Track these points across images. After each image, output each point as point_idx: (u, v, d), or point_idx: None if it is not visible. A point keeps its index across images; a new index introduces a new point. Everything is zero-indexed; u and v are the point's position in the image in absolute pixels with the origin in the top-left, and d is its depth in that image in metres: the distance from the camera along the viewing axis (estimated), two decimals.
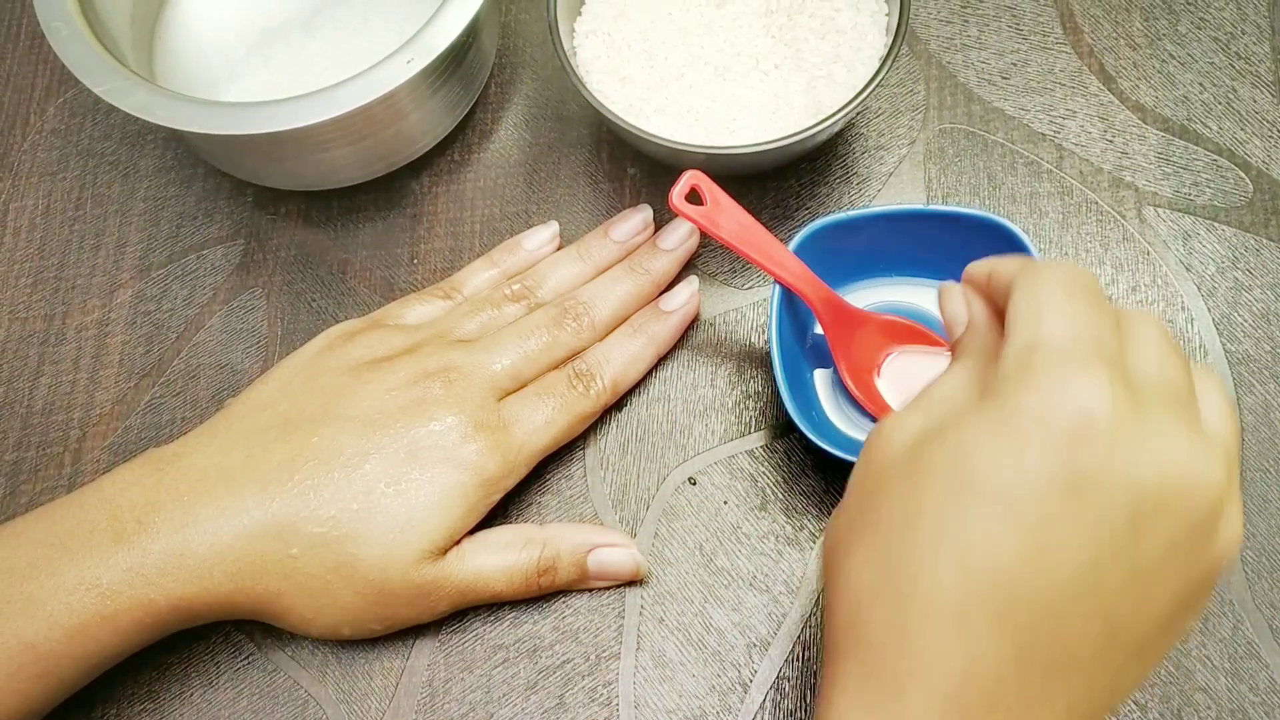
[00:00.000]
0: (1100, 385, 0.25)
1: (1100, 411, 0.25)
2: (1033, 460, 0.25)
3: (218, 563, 0.36)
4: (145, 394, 0.45)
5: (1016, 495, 0.25)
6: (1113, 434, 0.25)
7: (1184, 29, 0.49)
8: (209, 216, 0.48)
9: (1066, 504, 0.25)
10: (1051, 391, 0.26)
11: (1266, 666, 0.38)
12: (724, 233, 0.39)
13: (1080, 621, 0.26)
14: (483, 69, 0.48)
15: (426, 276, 0.46)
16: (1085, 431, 0.25)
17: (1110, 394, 0.25)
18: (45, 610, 0.35)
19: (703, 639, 0.40)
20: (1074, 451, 0.25)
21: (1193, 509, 0.26)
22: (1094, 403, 0.25)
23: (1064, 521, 0.25)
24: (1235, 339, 0.43)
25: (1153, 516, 0.26)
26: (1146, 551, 0.26)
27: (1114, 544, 0.25)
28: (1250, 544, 0.40)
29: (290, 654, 0.40)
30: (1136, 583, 0.26)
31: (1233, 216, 0.45)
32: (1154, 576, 0.26)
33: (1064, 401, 0.25)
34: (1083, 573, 0.25)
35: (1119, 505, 0.25)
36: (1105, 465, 0.25)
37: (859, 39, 0.43)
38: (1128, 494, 0.25)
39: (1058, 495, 0.25)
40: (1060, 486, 0.25)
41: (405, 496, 0.37)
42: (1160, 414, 0.26)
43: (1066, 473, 0.25)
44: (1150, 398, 0.26)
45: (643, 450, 0.43)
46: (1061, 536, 0.25)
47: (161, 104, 0.40)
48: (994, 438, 0.26)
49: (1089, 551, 0.25)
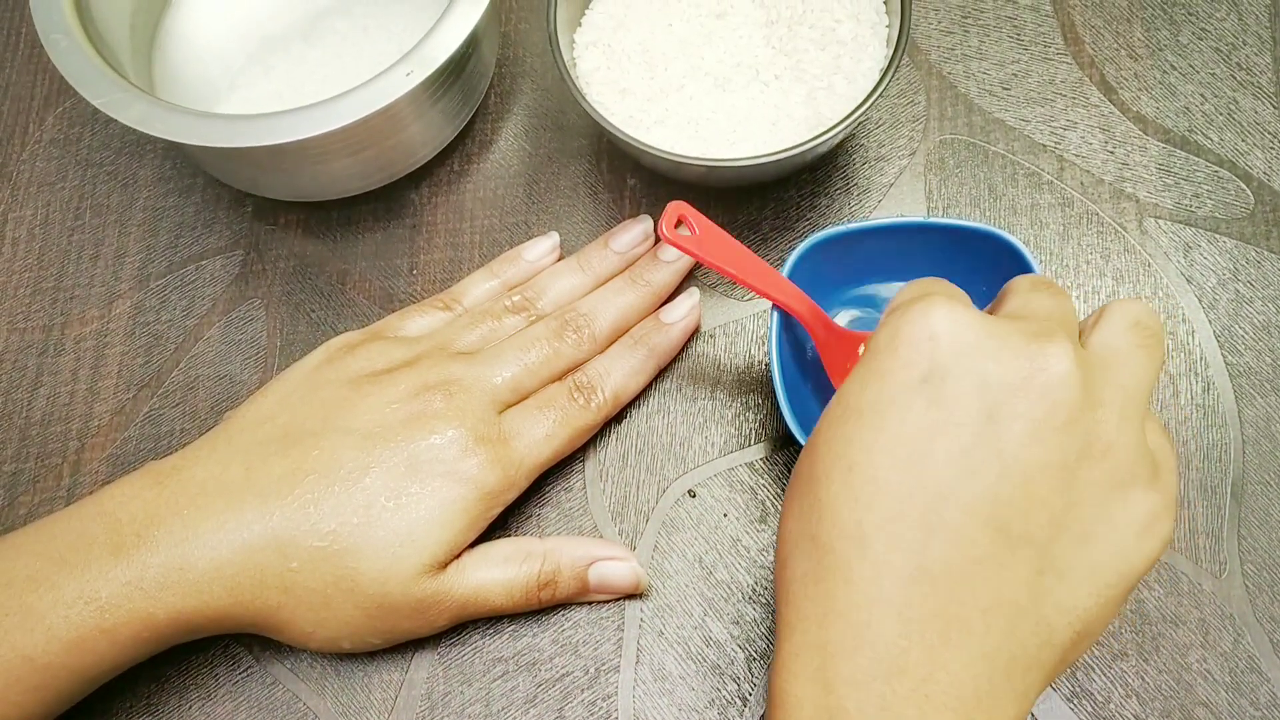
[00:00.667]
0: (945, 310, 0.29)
1: (944, 327, 0.28)
2: (889, 374, 0.29)
3: (217, 576, 0.36)
4: (144, 405, 0.45)
5: (883, 404, 0.28)
6: (958, 342, 0.28)
7: (1185, 40, 0.49)
8: (208, 227, 0.48)
9: (925, 401, 0.28)
10: (902, 322, 0.29)
11: (1268, 681, 0.38)
12: (715, 259, 0.39)
13: (966, 519, 0.27)
14: (483, 79, 0.48)
15: (426, 287, 0.46)
16: (933, 344, 0.28)
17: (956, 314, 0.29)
18: (44, 623, 0.35)
19: (702, 652, 0.40)
20: (923, 359, 0.28)
21: (1042, 387, 0.28)
22: (939, 322, 0.28)
23: (924, 416, 0.28)
24: (1236, 351, 0.43)
25: (1005, 398, 0.28)
26: (1010, 436, 0.27)
27: (975, 430, 0.27)
28: (1251, 558, 0.40)
29: (289, 667, 0.40)
30: (1012, 471, 0.27)
31: (1234, 228, 0.45)
32: (1029, 464, 0.27)
33: (912, 325, 0.29)
34: (953, 466, 0.27)
35: (968, 391, 0.28)
36: (948, 360, 0.28)
37: (859, 50, 0.43)
38: (973, 381, 0.28)
39: (917, 394, 0.28)
40: (918, 385, 0.28)
41: (405, 510, 0.37)
42: (1008, 331, 0.29)
43: (917, 377, 0.28)
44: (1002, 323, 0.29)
45: (642, 462, 0.43)
46: (926, 431, 0.28)
47: (160, 116, 0.40)
48: (862, 369, 0.30)
49: (953, 441, 0.27)
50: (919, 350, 0.28)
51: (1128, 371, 0.29)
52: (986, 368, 0.28)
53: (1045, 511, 0.28)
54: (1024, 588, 0.27)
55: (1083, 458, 0.28)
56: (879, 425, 0.28)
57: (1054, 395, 0.28)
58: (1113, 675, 0.39)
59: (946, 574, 0.27)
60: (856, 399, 0.29)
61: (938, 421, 0.28)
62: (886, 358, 0.29)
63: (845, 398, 0.30)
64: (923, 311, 0.29)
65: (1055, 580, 0.28)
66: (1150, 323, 0.30)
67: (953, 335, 0.28)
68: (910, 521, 0.27)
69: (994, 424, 0.28)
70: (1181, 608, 0.39)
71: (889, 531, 0.27)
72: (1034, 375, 0.28)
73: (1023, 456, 0.27)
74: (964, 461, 0.27)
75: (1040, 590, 0.28)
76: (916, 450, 0.28)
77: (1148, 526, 0.29)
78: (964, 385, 0.28)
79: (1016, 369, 0.28)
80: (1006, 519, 0.27)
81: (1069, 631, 0.28)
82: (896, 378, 0.29)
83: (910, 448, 0.28)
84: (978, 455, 0.27)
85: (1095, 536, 0.28)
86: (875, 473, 0.28)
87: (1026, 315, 0.30)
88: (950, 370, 0.28)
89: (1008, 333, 0.29)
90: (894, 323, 0.29)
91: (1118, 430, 0.28)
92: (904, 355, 0.29)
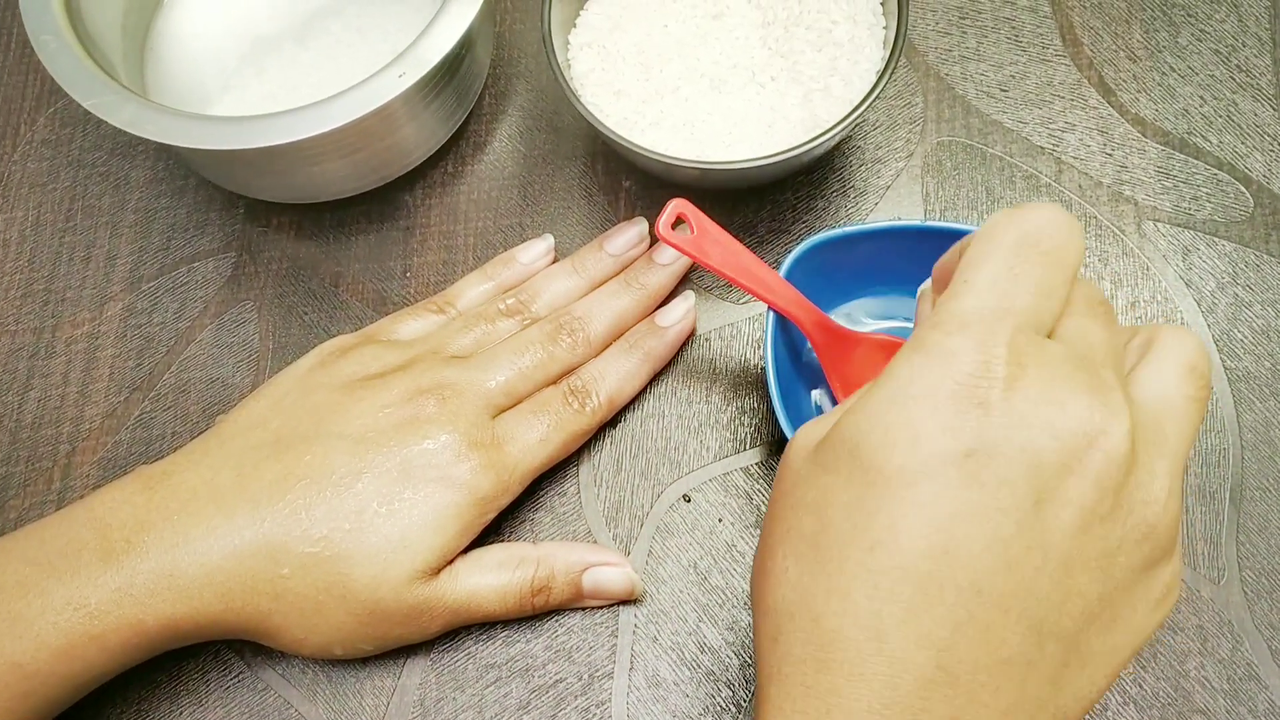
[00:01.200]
0: (987, 350, 0.24)
1: (988, 379, 0.24)
2: (926, 438, 0.24)
3: (208, 583, 0.35)
4: (135, 408, 0.45)
5: (909, 475, 0.24)
6: (1004, 401, 0.24)
7: (1184, 41, 0.48)
8: (200, 229, 0.48)
9: (967, 479, 0.24)
10: (935, 364, 0.24)
11: (1266, 688, 0.38)
12: (712, 260, 0.38)
13: (999, 616, 0.24)
14: (477, 80, 0.47)
15: (420, 290, 0.46)
16: (973, 400, 0.24)
17: (1002, 357, 0.24)
18: (33, 630, 0.34)
19: (697, 659, 0.39)
20: (970, 426, 0.24)
21: (1096, 471, 0.24)
22: (979, 370, 0.24)
23: (963, 498, 0.24)
24: (1235, 355, 0.43)
25: (1055, 483, 0.24)
26: (1056, 526, 0.24)
27: (1019, 518, 0.24)
28: (1250, 564, 0.40)
29: (280, 672, 0.40)
30: (1052, 563, 0.24)
31: (1233, 231, 0.45)
32: (1071, 555, 0.24)
33: (949, 372, 0.24)
34: (991, 555, 0.24)
35: (1017, 474, 0.24)
36: (997, 434, 0.24)
37: (856, 52, 0.43)
38: (1024, 461, 0.24)
39: (957, 471, 0.24)
40: (959, 460, 0.24)
41: (398, 516, 0.36)
42: (1062, 377, 0.24)
43: (966, 446, 0.24)
44: (1054, 361, 0.25)
45: (637, 467, 0.42)
46: (964, 514, 0.24)
47: (151, 118, 0.39)
48: (885, 418, 0.25)
49: (993, 526, 0.24)
50: (967, 415, 0.24)
51: (1178, 433, 0.26)
52: (1041, 444, 0.24)
53: (1080, 603, 0.25)
54: (1048, 684, 0.25)
55: (1125, 543, 0.25)
56: (910, 500, 0.24)
57: (1108, 479, 0.24)
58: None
59: (971, 675, 0.24)
60: (883, 457, 0.25)
61: (978, 505, 0.24)
62: (925, 411, 0.24)
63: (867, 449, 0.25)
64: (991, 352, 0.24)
65: (1078, 670, 0.25)
66: (1204, 368, 0.27)
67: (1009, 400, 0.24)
68: (937, 617, 0.24)
69: (1040, 511, 0.24)
70: (1180, 615, 0.39)
71: (912, 626, 0.24)
72: (1090, 452, 0.24)
73: (1067, 548, 0.24)
74: (1003, 553, 0.24)
75: (1062, 682, 0.25)
76: (952, 537, 0.24)
77: (1163, 598, 0.26)
78: (1014, 467, 0.24)
79: (1074, 444, 0.24)
80: (1041, 616, 0.24)
81: (1079, 713, 0.26)
82: (935, 445, 0.24)
83: (945, 534, 0.24)
84: (1018, 546, 0.24)
85: (1119, 620, 0.26)
86: (902, 558, 0.24)
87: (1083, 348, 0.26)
88: (1000, 447, 0.24)
89: (1069, 392, 0.24)
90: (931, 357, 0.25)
91: (1164, 508, 0.25)
92: (947, 417, 0.24)
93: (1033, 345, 0.25)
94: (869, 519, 0.25)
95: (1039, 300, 0.26)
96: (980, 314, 0.25)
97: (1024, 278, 0.26)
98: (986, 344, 0.24)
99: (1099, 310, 0.27)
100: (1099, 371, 0.25)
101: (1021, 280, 0.26)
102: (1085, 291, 0.27)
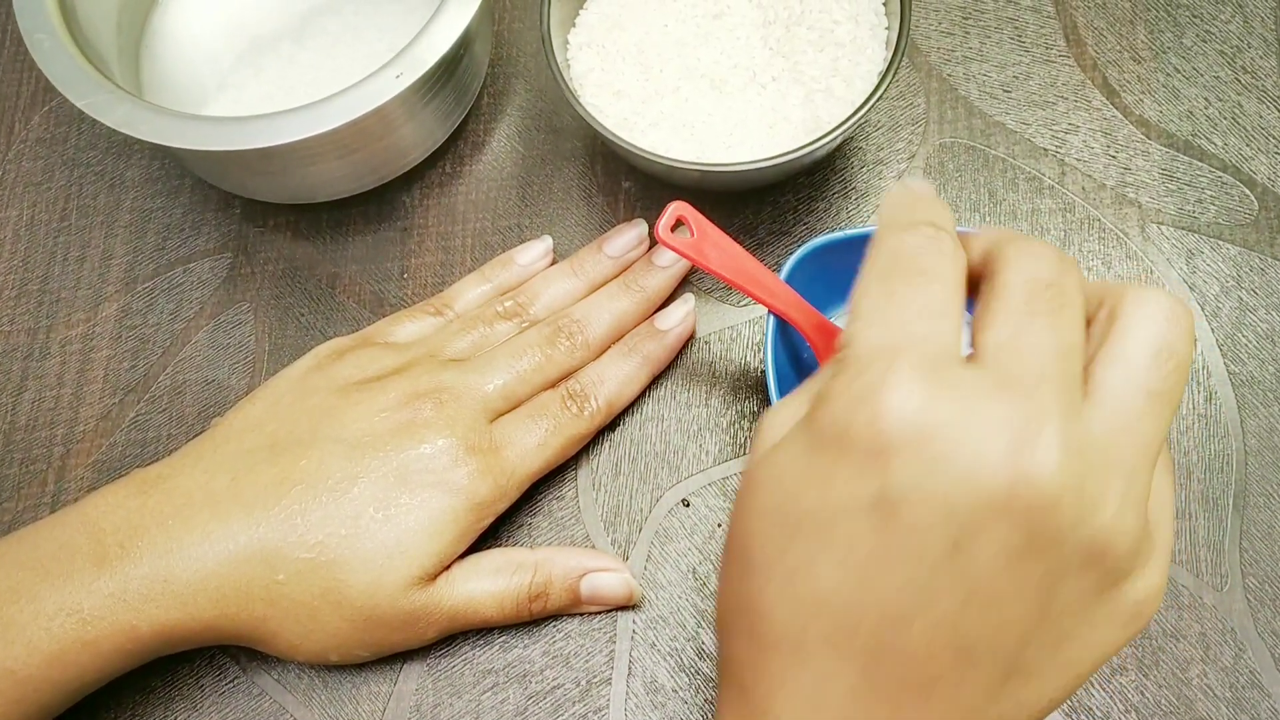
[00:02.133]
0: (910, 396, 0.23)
1: (906, 430, 0.22)
2: (838, 483, 0.23)
3: (202, 588, 0.35)
4: (130, 410, 0.44)
5: (827, 520, 0.24)
6: (922, 456, 0.22)
7: (1189, 42, 0.48)
8: (196, 229, 0.47)
9: (877, 527, 0.23)
10: (850, 405, 0.23)
11: (1269, 696, 0.38)
12: (712, 263, 0.38)
13: (923, 640, 0.23)
14: (476, 79, 0.47)
15: (417, 291, 0.46)
16: (887, 447, 0.23)
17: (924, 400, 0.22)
18: (24, 636, 0.34)
19: (695, 665, 0.39)
20: (874, 477, 0.23)
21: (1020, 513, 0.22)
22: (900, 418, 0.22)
23: (878, 545, 0.23)
24: (1239, 360, 0.43)
25: (975, 532, 0.22)
26: (978, 566, 0.23)
27: (934, 562, 0.23)
28: (1253, 571, 0.40)
29: (276, 677, 0.40)
30: (978, 598, 0.23)
31: (1237, 235, 0.45)
32: (999, 590, 0.23)
33: (865, 420, 0.23)
34: (909, 594, 0.23)
35: (930, 521, 0.23)
36: (906, 481, 0.22)
37: (858, 52, 0.43)
38: (935, 508, 0.22)
39: (866, 519, 0.23)
40: (867, 509, 0.23)
41: (394, 522, 0.36)
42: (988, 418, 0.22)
43: (872, 495, 0.23)
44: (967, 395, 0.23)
45: (635, 471, 0.42)
46: (879, 559, 0.23)
47: (145, 118, 0.39)
48: (803, 460, 0.24)
49: (910, 571, 0.23)
50: (875, 465, 0.23)
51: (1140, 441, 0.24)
52: (953, 494, 0.22)
53: (1017, 628, 0.24)
54: (983, 696, 0.24)
55: (1066, 571, 0.23)
56: (822, 542, 0.24)
57: (1035, 520, 0.22)
58: (1112, 690, 0.38)
59: (899, 691, 0.24)
60: (792, 499, 0.24)
61: (890, 551, 0.23)
62: (830, 457, 0.23)
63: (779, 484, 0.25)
64: (887, 402, 0.23)
65: (1020, 684, 0.24)
66: (1176, 341, 0.24)
67: (923, 443, 0.22)
68: (859, 641, 0.24)
69: (958, 554, 0.23)
70: (1182, 621, 0.39)
71: (835, 646, 0.24)
72: (1014, 494, 0.22)
73: (992, 584, 0.23)
74: (920, 594, 0.23)
75: (1002, 695, 0.24)
76: (866, 578, 0.23)
77: (1135, 615, 0.25)
78: (923, 517, 0.23)
79: (993, 488, 0.22)
80: (970, 642, 0.23)
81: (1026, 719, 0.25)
82: (840, 492, 0.23)
83: (859, 575, 0.23)
84: (936, 587, 0.23)
85: (1072, 638, 0.25)
86: (819, 585, 0.24)
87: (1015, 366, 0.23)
88: (908, 498, 0.23)
89: (984, 431, 0.22)
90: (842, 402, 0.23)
91: (1115, 530, 0.23)
92: (850, 466, 0.23)
93: (937, 381, 0.23)
94: (788, 553, 0.25)
95: (934, 324, 0.24)
96: (874, 353, 0.24)
97: (908, 303, 0.24)
98: (883, 387, 0.23)
99: (1042, 301, 0.24)
100: (1031, 394, 0.23)
101: (907, 306, 0.24)
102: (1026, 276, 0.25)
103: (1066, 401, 0.23)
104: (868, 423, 0.23)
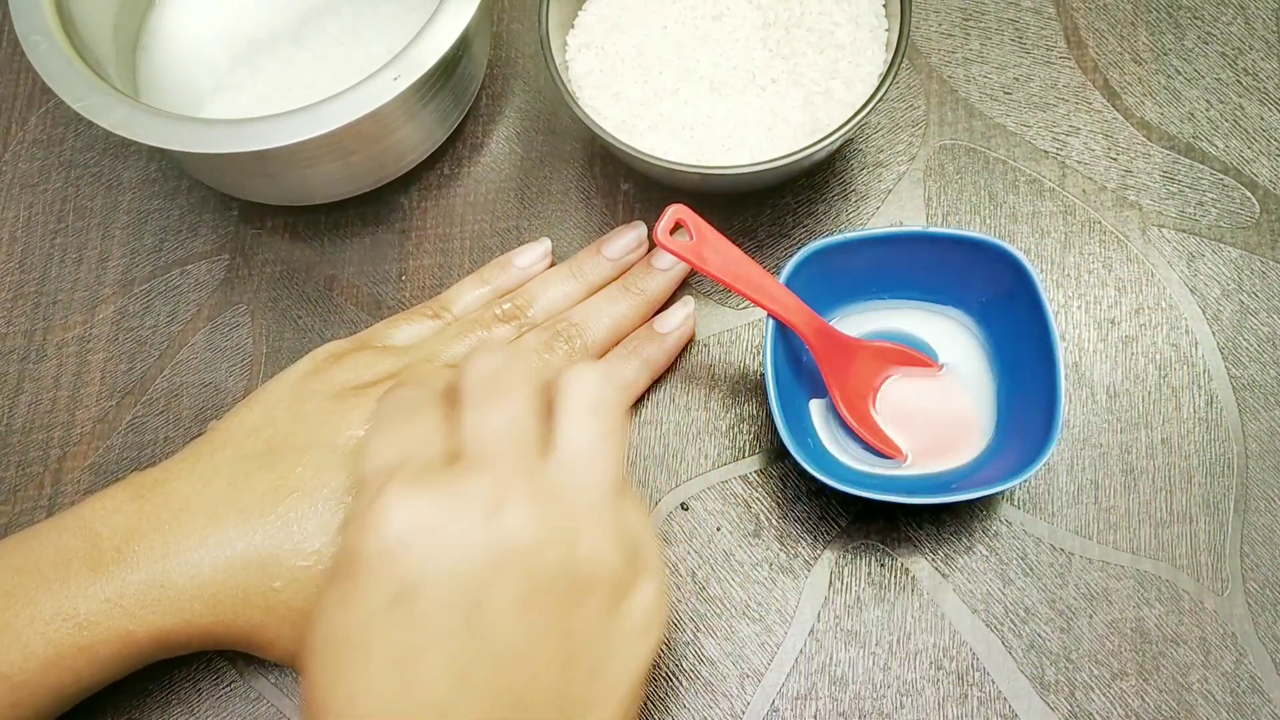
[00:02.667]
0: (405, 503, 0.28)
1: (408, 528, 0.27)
2: (354, 600, 0.28)
3: (198, 594, 0.35)
4: (127, 413, 0.44)
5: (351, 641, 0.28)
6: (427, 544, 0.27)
7: (1190, 44, 0.48)
8: (193, 231, 0.47)
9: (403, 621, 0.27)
10: (363, 534, 0.28)
11: (1270, 701, 0.38)
12: (711, 267, 0.38)
13: (485, 706, 0.27)
14: (474, 80, 0.47)
15: (415, 294, 0.45)
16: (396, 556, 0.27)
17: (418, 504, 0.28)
18: (20, 640, 0.34)
19: (695, 670, 0.39)
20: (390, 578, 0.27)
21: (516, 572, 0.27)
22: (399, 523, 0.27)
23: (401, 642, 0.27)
24: (1240, 363, 0.42)
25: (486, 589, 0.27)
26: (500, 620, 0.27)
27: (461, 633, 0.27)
28: (1254, 575, 0.39)
29: (273, 682, 0.40)
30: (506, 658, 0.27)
31: (1239, 237, 0.44)
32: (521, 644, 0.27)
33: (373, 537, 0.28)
34: (447, 677, 0.27)
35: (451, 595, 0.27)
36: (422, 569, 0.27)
37: (858, 55, 0.43)
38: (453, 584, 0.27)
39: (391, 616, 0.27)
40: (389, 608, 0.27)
41: None
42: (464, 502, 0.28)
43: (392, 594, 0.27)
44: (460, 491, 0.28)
45: (634, 475, 0.42)
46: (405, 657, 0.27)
47: (142, 121, 0.39)
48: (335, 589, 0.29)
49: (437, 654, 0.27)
50: (384, 569, 0.27)
51: (597, 474, 0.29)
52: (457, 565, 0.27)
53: (554, 669, 0.28)
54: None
55: (572, 602, 0.28)
56: (356, 664, 0.27)
57: (529, 563, 0.27)
58: (1112, 695, 0.38)
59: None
60: (329, 630, 0.28)
61: (418, 643, 0.27)
62: (351, 581, 0.28)
63: (323, 622, 0.29)
64: (381, 515, 0.28)
65: (582, 714, 0.28)
66: (610, 397, 0.30)
67: (420, 535, 0.27)
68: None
69: (479, 619, 0.27)
70: (1183, 626, 0.39)
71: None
72: (501, 549, 0.27)
73: (514, 639, 0.27)
74: (456, 670, 0.27)
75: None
76: (402, 679, 0.27)
77: (647, 625, 0.29)
78: (438, 593, 0.27)
79: (484, 549, 0.27)
80: (519, 694, 0.27)
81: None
82: (363, 605, 0.27)
83: (394, 679, 0.27)
84: (467, 658, 0.27)
85: (605, 662, 0.28)
86: (369, 704, 0.27)
87: (480, 449, 0.29)
88: (422, 582, 0.27)
89: (467, 500, 0.28)
90: (355, 532, 0.28)
91: (597, 551, 0.28)
92: (368, 578, 0.27)
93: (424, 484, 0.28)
94: (329, 691, 0.28)
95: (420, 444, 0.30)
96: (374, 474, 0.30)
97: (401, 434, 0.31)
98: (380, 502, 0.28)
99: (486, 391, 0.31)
100: (494, 466, 0.28)
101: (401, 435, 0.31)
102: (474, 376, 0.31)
103: (526, 464, 0.29)
104: (374, 536, 0.28)
